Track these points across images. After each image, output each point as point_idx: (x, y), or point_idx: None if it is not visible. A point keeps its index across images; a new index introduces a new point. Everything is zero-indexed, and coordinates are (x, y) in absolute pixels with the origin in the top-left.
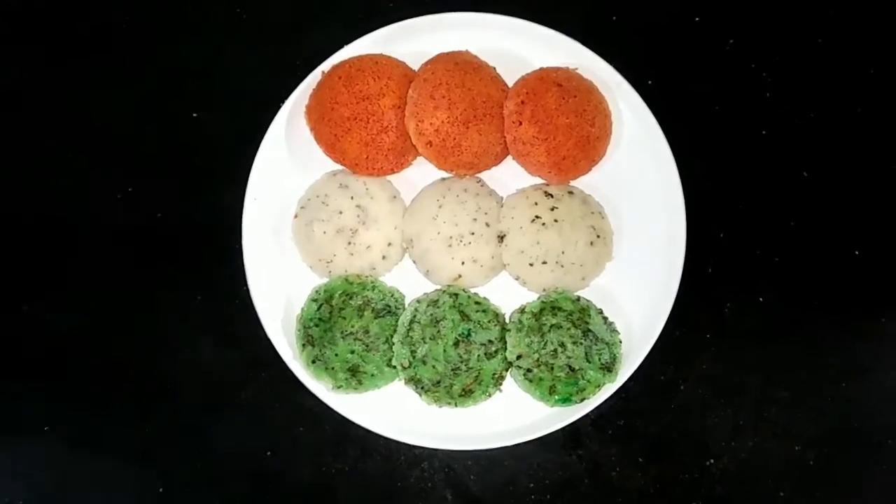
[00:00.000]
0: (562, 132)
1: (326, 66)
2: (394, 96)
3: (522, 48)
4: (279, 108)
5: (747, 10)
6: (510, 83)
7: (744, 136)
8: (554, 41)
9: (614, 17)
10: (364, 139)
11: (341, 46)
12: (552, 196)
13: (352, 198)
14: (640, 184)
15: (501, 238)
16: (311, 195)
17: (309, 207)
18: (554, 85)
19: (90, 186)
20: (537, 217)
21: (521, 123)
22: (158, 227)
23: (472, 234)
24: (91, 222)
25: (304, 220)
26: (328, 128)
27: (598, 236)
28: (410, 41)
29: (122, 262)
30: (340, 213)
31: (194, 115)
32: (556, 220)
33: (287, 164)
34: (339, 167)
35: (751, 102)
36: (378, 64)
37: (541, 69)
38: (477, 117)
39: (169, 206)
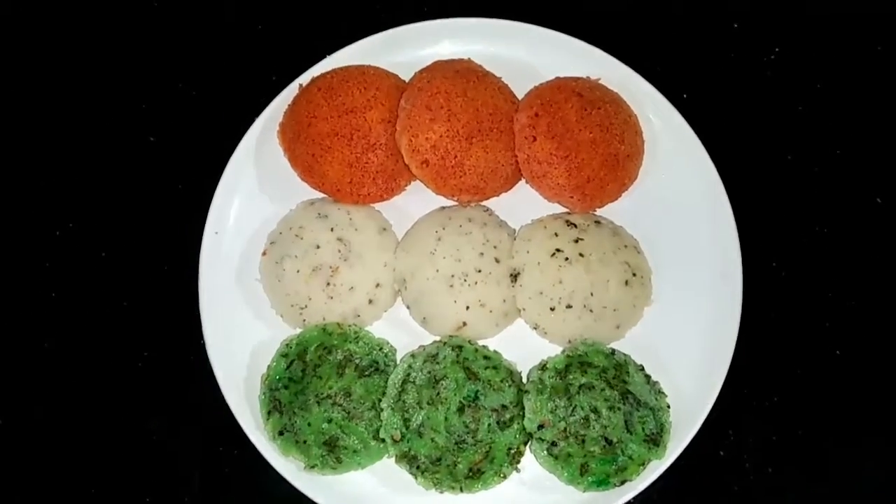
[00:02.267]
0: (584, 149)
1: (305, 78)
2: (383, 109)
3: (533, 58)
4: (248, 127)
5: (793, 15)
6: (520, 95)
7: (801, 157)
8: (572, 49)
9: (640, 24)
10: (347, 159)
11: (323, 57)
12: (575, 226)
13: (332, 229)
14: (681, 212)
15: (515, 277)
16: (283, 228)
17: (280, 242)
18: (574, 95)
19: (20, 221)
20: (558, 251)
21: (535, 139)
22: (100, 270)
23: (479, 271)
24: (20, 263)
25: (273, 258)
26: (305, 147)
27: (634, 275)
28: (403, 51)
29: (55, 311)
30: (317, 247)
31: (150, 138)
32: (581, 255)
33: (256, 192)
34: (317, 195)
35: (805, 118)
36: (365, 74)
37: (557, 79)
38: (482, 132)
39: (114, 245)
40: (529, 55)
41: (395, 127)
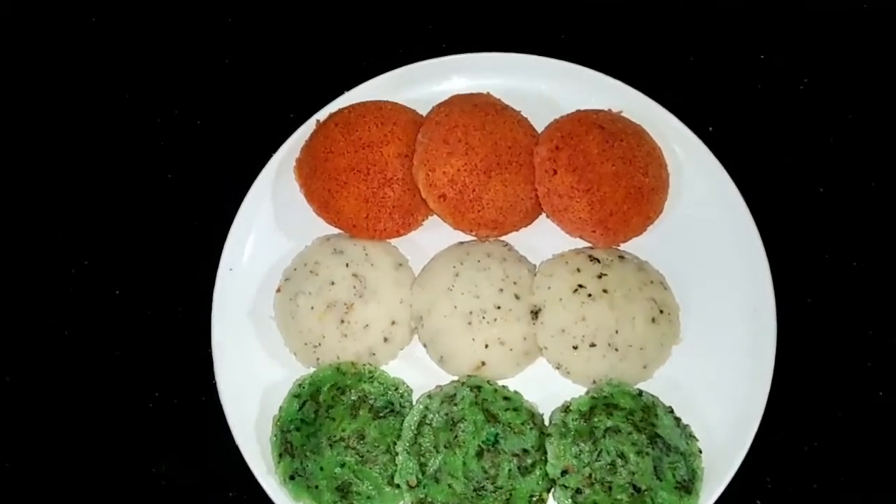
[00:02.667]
0: (607, 182)
1: (323, 115)
2: (400, 143)
3: (553, 91)
4: (265, 164)
5: (821, 45)
6: (540, 129)
7: (834, 190)
8: (592, 82)
9: (662, 55)
10: (364, 194)
11: (341, 93)
12: (599, 261)
13: (347, 265)
14: (709, 247)
15: (536, 314)
16: (297, 264)
17: (294, 278)
18: (595, 127)
19: (36, 258)
20: (581, 286)
21: (555, 172)
22: (114, 308)
23: (499, 308)
24: (35, 302)
25: (287, 294)
26: (321, 182)
27: (661, 311)
28: (420, 87)
29: (69, 348)
30: (332, 283)
31: (168, 175)
32: (605, 291)
33: (272, 228)
34: (334, 231)
35: (837, 150)
36: (382, 109)
37: (577, 111)
38: (501, 165)
39: (128, 282)
40: (549, 89)
41: (412, 161)
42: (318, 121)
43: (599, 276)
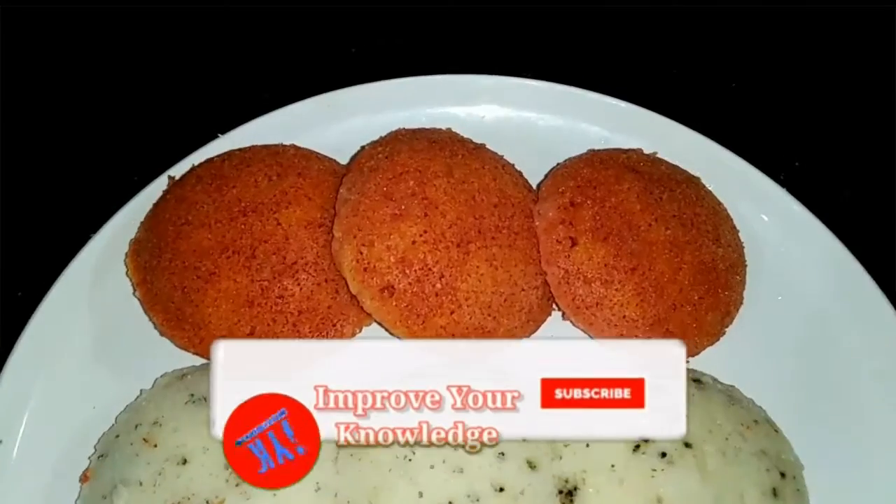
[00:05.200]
0: (661, 256)
1: (181, 169)
2: (309, 206)
3: (547, 127)
4: (76, 254)
5: None
6: (533, 180)
7: None
8: (607, 112)
9: (694, 80)
10: (245, 293)
11: (214, 137)
12: None
13: None
14: (821, 356)
15: (569, 496)
16: (122, 427)
17: (114, 455)
18: (628, 171)
19: None
20: (645, 442)
21: (574, 243)
22: None
23: (501, 491)
24: None
25: (99, 488)
26: (171, 276)
27: (783, 475)
28: (340, 122)
29: None
30: (185, 462)
31: None
32: (687, 446)
33: (83, 361)
34: (191, 360)
35: None
36: (278, 155)
37: (592, 152)
38: (483, 234)
39: None
40: (546, 122)
41: (330, 233)
42: (170, 178)
43: None
